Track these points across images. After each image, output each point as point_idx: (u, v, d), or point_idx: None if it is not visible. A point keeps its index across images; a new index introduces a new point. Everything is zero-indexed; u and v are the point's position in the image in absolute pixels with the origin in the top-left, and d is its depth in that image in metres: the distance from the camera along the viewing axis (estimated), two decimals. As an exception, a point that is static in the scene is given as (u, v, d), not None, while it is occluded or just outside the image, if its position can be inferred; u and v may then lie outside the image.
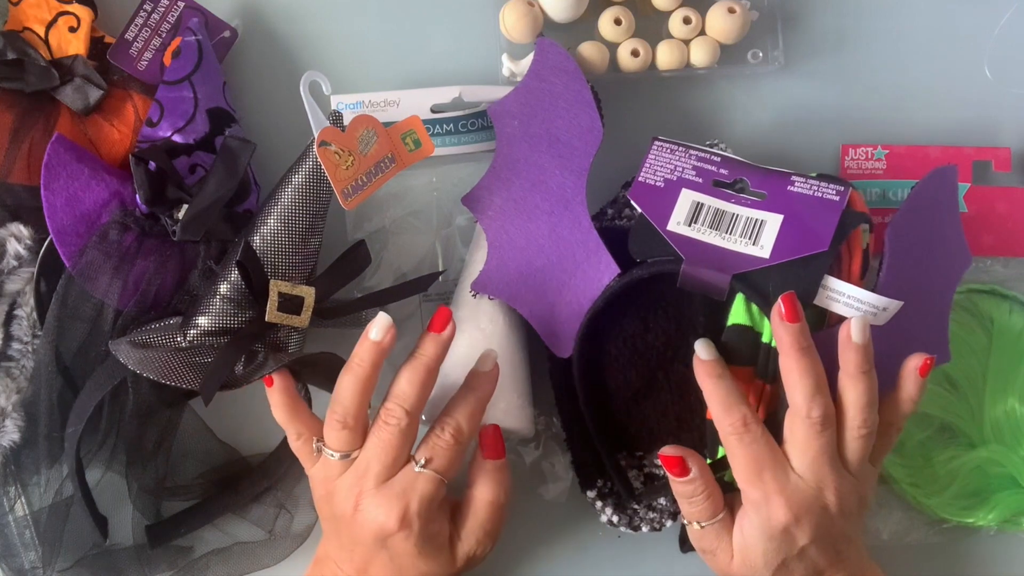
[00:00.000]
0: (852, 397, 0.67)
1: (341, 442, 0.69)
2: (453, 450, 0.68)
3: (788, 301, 0.67)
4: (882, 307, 0.70)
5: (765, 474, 0.66)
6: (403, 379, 0.68)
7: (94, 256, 0.73)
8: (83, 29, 0.78)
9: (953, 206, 0.75)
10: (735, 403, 0.67)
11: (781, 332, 0.67)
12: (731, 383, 0.68)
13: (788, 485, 0.66)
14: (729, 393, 0.68)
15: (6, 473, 0.75)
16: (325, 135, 0.71)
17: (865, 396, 0.67)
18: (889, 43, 0.84)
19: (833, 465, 0.67)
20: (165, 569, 0.77)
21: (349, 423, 0.68)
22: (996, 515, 0.78)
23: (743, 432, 0.66)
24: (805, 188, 0.73)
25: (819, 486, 0.66)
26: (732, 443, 0.67)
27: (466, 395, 0.70)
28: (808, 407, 0.66)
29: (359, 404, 0.68)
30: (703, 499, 0.68)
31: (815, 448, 0.66)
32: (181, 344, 0.72)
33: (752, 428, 0.66)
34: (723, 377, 0.68)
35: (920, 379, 0.69)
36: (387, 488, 0.68)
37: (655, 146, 0.75)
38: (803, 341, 0.66)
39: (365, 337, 0.69)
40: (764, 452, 0.66)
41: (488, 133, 0.81)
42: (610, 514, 0.75)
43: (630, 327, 0.77)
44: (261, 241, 0.72)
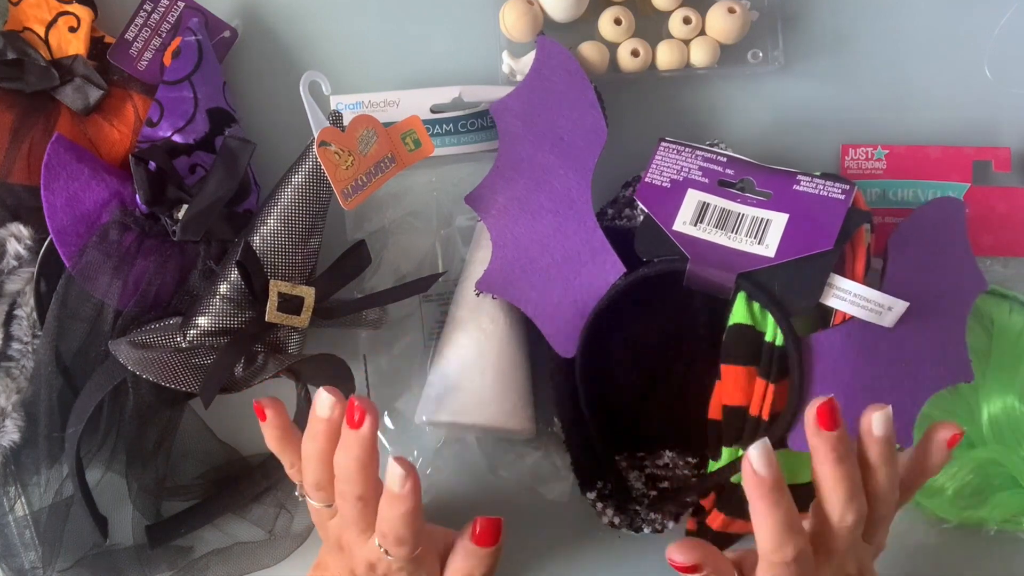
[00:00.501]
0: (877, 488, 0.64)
1: (320, 499, 0.69)
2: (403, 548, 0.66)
3: (826, 411, 0.62)
4: (887, 306, 0.70)
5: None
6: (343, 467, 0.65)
7: (94, 256, 0.73)
8: (83, 29, 0.78)
9: (962, 235, 0.74)
10: (792, 536, 0.61)
11: (818, 442, 0.62)
12: (790, 509, 0.61)
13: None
14: (788, 525, 0.61)
15: (6, 473, 0.75)
16: (325, 135, 0.71)
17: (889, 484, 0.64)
18: (889, 43, 0.84)
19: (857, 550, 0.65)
20: (165, 569, 0.77)
21: (323, 486, 0.68)
22: (996, 515, 0.78)
23: (794, 565, 0.62)
24: (811, 187, 0.73)
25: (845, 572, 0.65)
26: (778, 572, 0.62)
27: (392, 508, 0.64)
28: (843, 512, 0.62)
29: (326, 471, 0.67)
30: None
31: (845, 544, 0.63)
32: (181, 344, 0.72)
33: (802, 563, 0.62)
34: (780, 504, 0.61)
35: (947, 451, 0.65)
36: (370, 544, 0.68)
37: (662, 147, 0.76)
38: (841, 449, 0.62)
39: (314, 414, 0.66)
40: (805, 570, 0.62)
41: (488, 133, 0.81)
42: (611, 515, 0.75)
43: (632, 327, 0.77)
44: (261, 241, 0.72)
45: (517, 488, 0.79)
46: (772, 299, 0.70)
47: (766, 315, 0.71)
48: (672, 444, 0.77)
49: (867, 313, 0.70)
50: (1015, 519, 0.79)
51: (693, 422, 0.76)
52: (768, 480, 0.60)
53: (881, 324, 0.71)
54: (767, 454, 0.61)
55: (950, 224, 0.74)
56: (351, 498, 0.67)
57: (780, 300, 0.70)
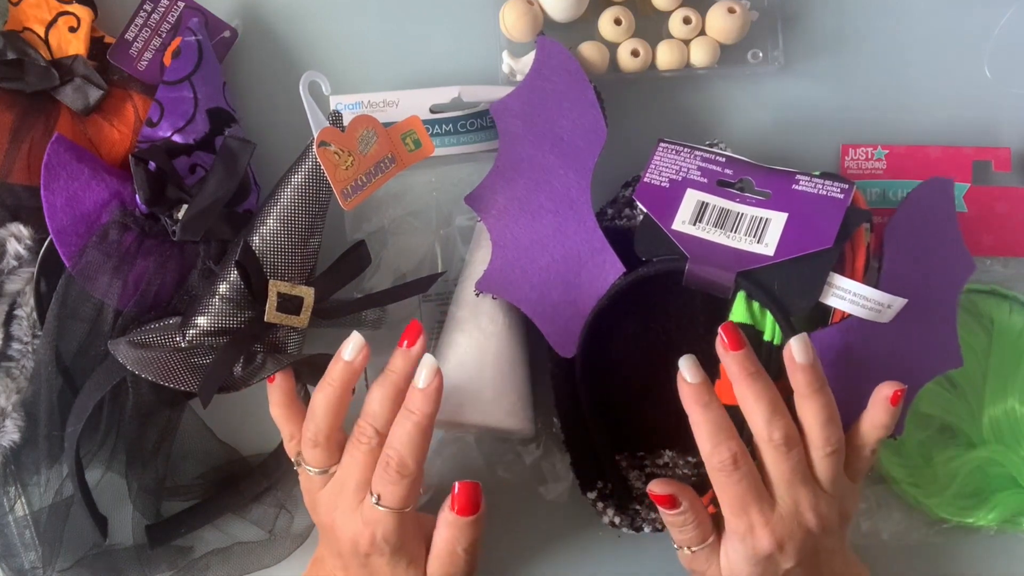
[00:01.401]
0: (809, 417, 0.66)
1: (316, 459, 0.69)
2: (401, 484, 0.67)
3: (728, 330, 0.67)
4: (887, 304, 0.70)
5: (751, 508, 0.66)
6: (374, 398, 0.68)
7: (94, 256, 0.73)
8: (83, 29, 0.78)
9: (951, 215, 0.74)
10: (725, 437, 0.66)
11: (728, 361, 0.67)
12: (720, 412, 0.66)
13: (772, 516, 0.66)
14: (719, 425, 0.66)
15: (6, 473, 0.75)
16: (325, 135, 0.71)
17: (823, 413, 0.66)
18: (889, 43, 0.84)
19: (807, 484, 0.66)
20: (165, 569, 0.77)
21: (320, 441, 0.68)
22: (996, 515, 0.78)
23: (732, 470, 0.66)
24: (809, 186, 0.73)
25: (797, 508, 0.66)
26: (720, 479, 0.66)
27: (404, 421, 0.67)
28: (768, 431, 0.66)
29: (331, 423, 0.68)
30: (693, 527, 0.68)
31: (786, 470, 0.66)
32: (180, 344, 0.72)
33: (740, 465, 0.66)
34: (710, 406, 0.66)
35: (890, 408, 0.68)
36: (357, 512, 0.68)
37: (660, 147, 0.76)
38: (750, 367, 0.66)
39: (338, 357, 0.69)
40: (750, 487, 0.66)
41: (487, 133, 0.81)
42: (612, 515, 0.75)
43: (631, 327, 0.77)
44: (260, 241, 0.72)
45: (516, 488, 0.79)
46: (772, 298, 0.70)
47: (765, 314, 0.71)
48: (672, 444, 0.77)
49: (867, 312, 0.70)
50: (1015, 519, 0.79)
51: (692, 422, 0.76)
52: (698, 386, 0.66)
53: (880, 322, 0.71)
54: (694, 364, 0.67)
55: (939, 204, 0.74)
56: (369, 432, 0.67)
57: (780, 299, 0.70)
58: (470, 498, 0.69)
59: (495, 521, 0.80)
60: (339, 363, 0.68)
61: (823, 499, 0.67)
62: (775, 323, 0.71)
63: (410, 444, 0.66)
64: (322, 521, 0.70)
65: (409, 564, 0.69)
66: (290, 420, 0.71)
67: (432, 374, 0.67)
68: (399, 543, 0.68)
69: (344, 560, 0.70)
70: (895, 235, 0.73)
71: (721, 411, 0.66)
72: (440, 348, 0.77)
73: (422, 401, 0.67)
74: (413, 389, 0.67)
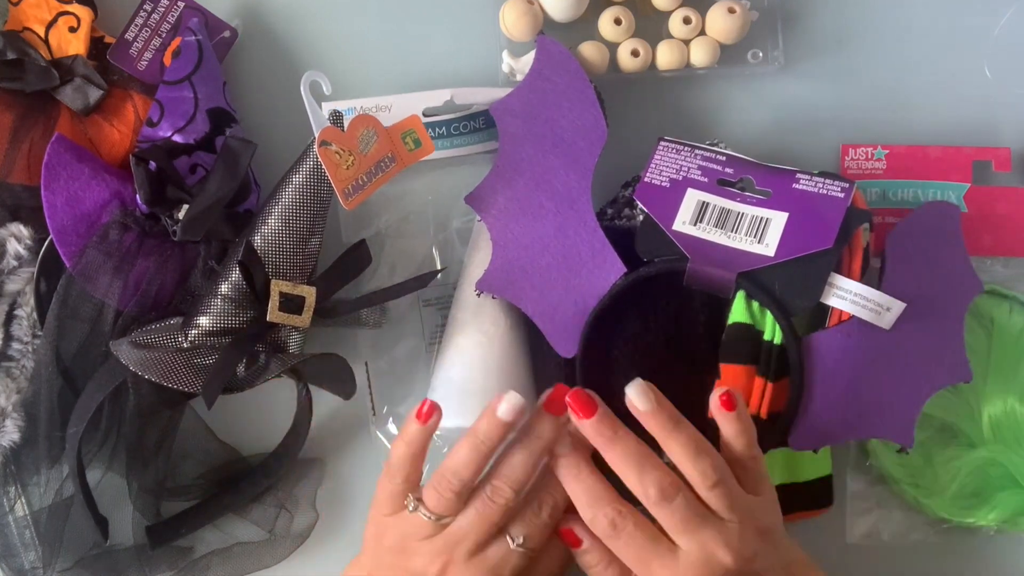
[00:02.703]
0: (678, 456, 0.65)
1: (445, 506, 0.66)
2: (548, 528, 0.67)
3: (577, 399, 0.65)
4: (886, 306, 0.70)
5: (653, 565, 0.64)
6: (516, 460, 0.66)
7: (94, 256, 0.73)
8: (83, 29, 0.78)
9: (957, 238, 0.74)
10: (601, 505, 0.65)
11: (585, 430, 0.65)
12: (594, 477, 0.65)
13: (676, 566, 0.64)
14: (592, 492, 0.65)
15: (6, 473, 0.75)
16: (326, 135, 0.71)
17: (688, 449, 0.64)
18: (889, 43, 0.84)
19: (707, 524, 0.64)
20: (165, 570, 0.77)
21: (462, 492, 0.66)
22: (996, 515, 0.78)
23: (615, 536, 0.64)
24: (810, 185, 0.73)
25: (705, 551, 0.64)
26: (612, 544, 0.65)
27: (567, 469, 0.66)
28: (643, 489, 0.64)
29: (474, 475, 0.66)
30: (603, 568, 0.67)
31: (677, 521, 0.64)
32: (182, 344, 0.72)
33: (621, 526, 0.64)
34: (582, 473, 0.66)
35: (727, 414, 0.66)
36: (480, 561, 0.66)
37: (661, 146, 0.76)
38: (606, 431, 0.65)
39: (492, 414, 0.66)
40: (644, 544, 0.64)
41: (482, 135, 0.81)
42: (611, 515, 0.75)
43: (631, 327, 0.77)
44: (262, 241, 0.72)
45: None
46: (772, 298, 0.70)
47: (765, 314, 0.71)
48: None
49: (867, 313, 0.70)
50: (1015, 519, 0.79)
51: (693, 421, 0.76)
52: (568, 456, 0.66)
53: (879, 324, 0.71)
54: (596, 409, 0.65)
55: (945, 228, 0.74)
56: (507, 493, 0.66)
57: (780, 299, 0.70)
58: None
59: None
60: (493, 421, 0.66)
61: (730, 531, 0.64)
62: (775, 323, 0.71)
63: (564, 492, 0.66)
64: (421, 570, 0.67)
65: None
66: (416, 462, 0.68)
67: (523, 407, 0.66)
68: None
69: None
70: (897, 247, 0.73)
71: (596, 476, 0.65)
72: (443, 352, 0.77)
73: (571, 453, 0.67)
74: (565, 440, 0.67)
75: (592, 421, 0.65)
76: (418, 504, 0.67)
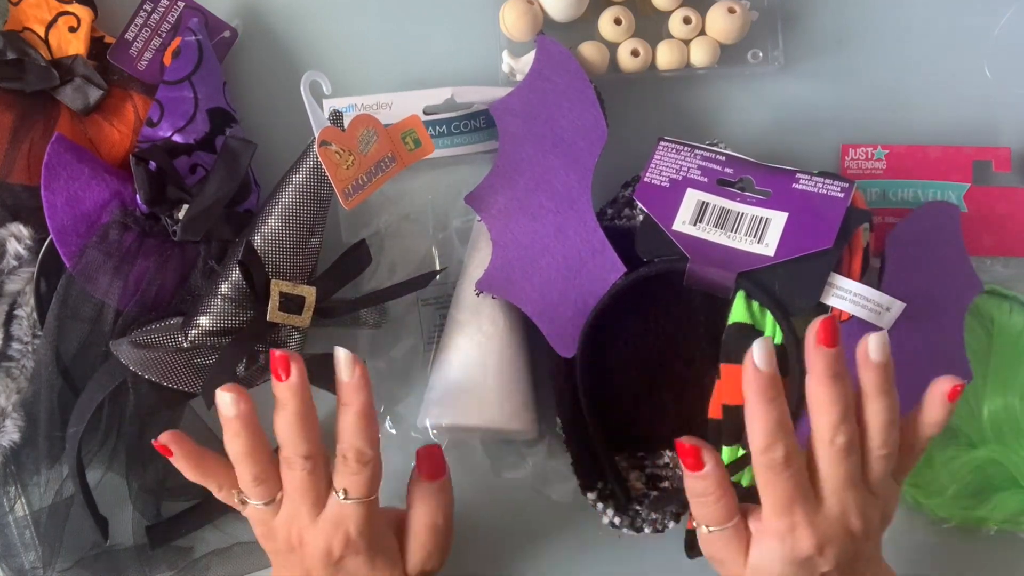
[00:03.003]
0: (874, 418, 0.64)
1: (263, 494, 0.68)
2: (363, 473, 0.67)
3: (827, 326, 0.63)
4: (886, 306, 0.70)
5: (795, 507, 0.64)
6: (281, 429, 0.67)
7: (94, 256, 0.73)
8: (83, 29, 0.78)
9: (957, 238, 0.75)
10: (782, 436, 0.63)
11: (815, 357, 0.63)
12: (782, 408, 0.63)
13: (816, 517, 0.64)
14: (779, 422, 0.63)
15: (6, 473, 0.75)
16: (326, 135, 0.71)
17: (886, 415, 0.64)
18: (889, 43, 0.84)
19: (857, 489, 0.64)
20: (165, 569, 0.77)
21: (263, 478, 0.68)
22: (996, 515, 0.78)
23: (783, 468, 0.63)
24: (810, 185, 0.73)
25: (844, 512, 0.64)
26: (768, 476, 0.64)
27: (346, 415, 0.67)
28: (833, 435, 0.63)
29: (259, 463, 0.68)
30: (714, 501, 0.65)
31: (840, 475, 0.64)
32: (182, 344, 0.72)
33: (793, 464, 0.63)
34: (775, 401, 0.63)
35: (948, 404, 0.66)
36: (322, 521, 0.68)
37: (660, 146, 0.76)
38: (837, 367, 0.63)
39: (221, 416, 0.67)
40: (798, 486, 0.64)
41: (482, 134, 0.81)
42: (612, 516, 0.75)
43: (631, 327, 0.77)
44: (262, 240, 0.72)
45: (521, 489, 0.79)
46: (772, 299, 0.70)
47: (765, 313, 0.71)
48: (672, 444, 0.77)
49: (867, 313, 0.70)
50: (1015, 519, 0.79)
51: (693, 422, 0.76)
52: (766, 376, 0.62)
53: (879, 324, 0.71)
54: (769, 351, 0.63)
55: (945, 228, 0.75)
56: (298, 461, 0.67)
57: (780, 299, 0.70)
58: (435, 461, 0.69)
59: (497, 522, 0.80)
60: (228, 422, 0.67)
61: (870, 503, 0.65)
62: (775, 323, 0.71)
63: (359, 432, 0.66)
64: (285, 544, 0.69)
65: (386, 558, 0.69)
66: (210, 474, 0.69)
67: (351, 365, 0.67)
68: (372, 536, 0.68)
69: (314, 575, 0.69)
70: (897, 247, 0.73)
71: (784, 408, 0.63)
72: (441, 351, 0.77)
73: (353, 392, 0.67)
74: (342, 384, 0.67)
75: (831, 352, 0.63)
76: (243, 497, 0.69)
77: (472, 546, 0.80)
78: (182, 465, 0.69)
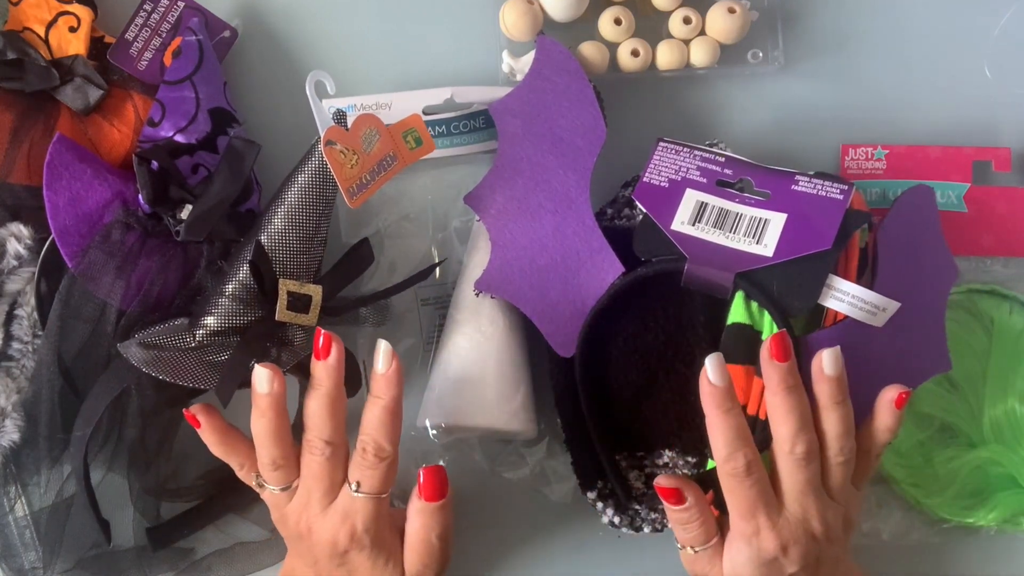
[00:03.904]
0: (830, 428, 0.68)
1: (279, 479, 0.70)
2: (379, 468, 0.68)
3: (778, 341, 0.67)
4: (882, 307, 0.70)
5: (759, 512, 0.67)
6: (312, 413, 0.69)
7: (97, 256, 0.73)
8: (83, 29, 0.78)
9: (935, 221, 0.75)
10: (740, 445, 0.67)
11: (770, 371, 0.67)
12: (739, 419, 0.67)
13: (779, 520, 0.67)
14: (736, 432, 0.67)
15: (6, 473, 0.75)
16: (331, 134, 0.71)
17: (841, 425, 0.68)
18: (889, 43, 0.84)
19: (818, 495, 0.68)
20: (167, 570, 0.77)
21: (281, 463, 0.69)
22: (996, 515, 0.78)
23: (744, 476, 0.67)
24: (809, 187, 0.73)
25: (805, 516, 0.67)
26: (732, 484, 0.67)
27: (373, 407, 0.69)
28: (792, 444, 0.67)
29: (279, 446, 0.69)
30: (697, 526, 0.69)
31: (800, 481, 0.67)
32: (191, 344, 0.72)
33: (753, 471, 0.67)
34: (731, 412, 0.67)
35: (896, 411, 0.69)
36: (331, 511, 0.69)
37: (660, 147, 0.76)
38: (790, 380, 0.67)
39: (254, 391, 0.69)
40: (760, 493, 0.67)
41: (481, 134, 0.81)
42: (611, 515, 0.75)
43: (630, 327, 0.77)
44: (268, 240, 0.72)
45: (520, 489, 0.79)
46: (771, 299, 0.70)
47: (763, 314, 0.71)
48: (672, 444, 0.77)
49: (864, 314, 0.70)
50: (1015, 519, 0.79)
51: (693, 421, 0.76)
52: (721, 389, 0.66)
53: (875, 325, 0.71)
54: (721, 366, 0.67)
55: (923, 213, 0.75)
56: (319, 445, 0.68)
57: (779, 300, 0.70)
58: (436, 483, 0.70)
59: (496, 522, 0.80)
60: (259, 398, 0.69)
61: (830, 508, 0.68)
62: (773, 323, 0.71)
63: (383, 428, 0.68)
64: (295, 531, 0.71)
65: (388, 558, 0.70)
66: (233, 452, 0.71)
67: (389, 357, 0.69)
68: (377, 534, 0.69)
69: (320, 565, 0.70)
70: (885, 240, 0.73)
71: (740, 418, 0.67)
72: (440, 351, 0.77)
73: (386, 385, 0.68)
74: (376, 376, 0.68)
75: (784, 365, 0.67)
76: (261, 480, 0.71)
77: (472, 546, 0.80)
78: (208, 438, 0.71)
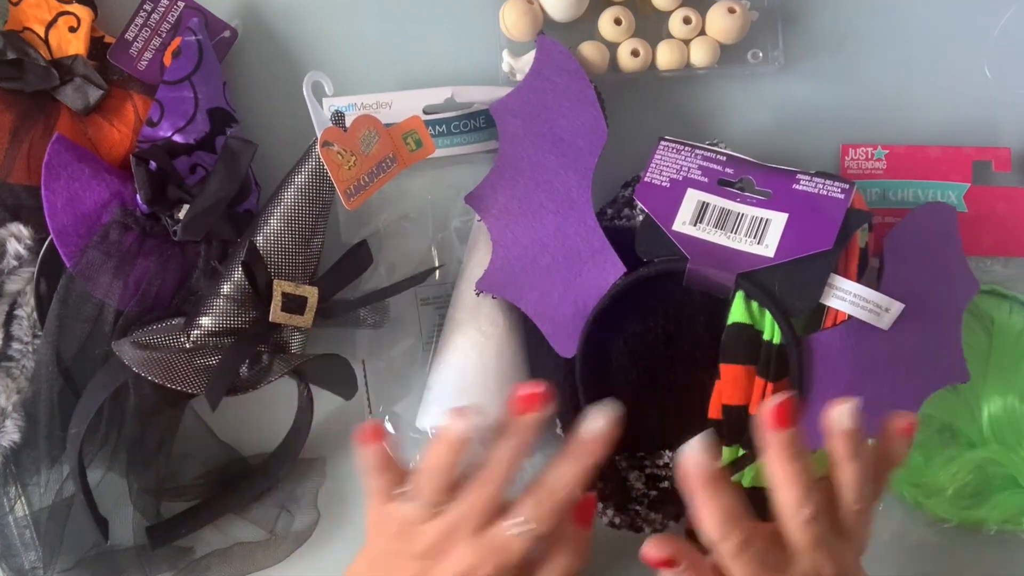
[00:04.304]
0: (847, 480, 0.65)
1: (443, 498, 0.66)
2: (555, 516, 0.66)
3: (781, 412, 0.64)
4: (885, 307, 0.70)
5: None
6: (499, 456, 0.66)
7: (95, 256, 0.73)
8: (83, 29, 0.78)
9: (954, 238, 0.75)
10: (731, 527, 0.63)
11: (771, 440, 0.64)
12: (726, 499, 0.64)
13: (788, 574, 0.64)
14: (727, 513, 0.64)
15: (6, 473, 0.75)
16: (328, 135, 0.71)
17: (859, 476, 0.65)
18: (889, 43, 0.84)
19: (828, 544, 0.65)
20: (166, 570, 0.77)
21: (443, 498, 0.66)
22: (996, 515, 0.78)
23: (741, 553, 0.63)
24: (810, 186, 0.73)
25: (816, 566, 0.64)
26: (732, 562, 0.64)
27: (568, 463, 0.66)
28: (796, 510, 0.64)
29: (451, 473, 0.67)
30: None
31: (809, 539, 0.64)
32: (185, 345, 0.72)
33: (750, 546, 0.64)
34: (719, 492, 0.64)
35: (904, 440, 0.67)
36: (485, 539, 0.66)
37: (661, 146, 0.76)
38: (792, 449, 0.64)
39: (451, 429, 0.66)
40: (763, 563, 0.64)
41: (482, 134, 0.81)
42: (611, 515, 0.75)
43: (631, 327, 0.77)
44: (264, 241, 0.72)
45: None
46: (772, 299, 0.70)
47: (764, 314, 0.71)
48: (672, 444, 0.77)
49: (866, 314, 0.70)
50: (1015, 519, 0.79)
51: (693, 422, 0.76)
52: (705, 472, 0.63)
53: (878, 325, 0.71)
54: (704, 448, 0.64)
55: (942, 229, 0.75)
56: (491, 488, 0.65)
57: (780, 300, 0.70)
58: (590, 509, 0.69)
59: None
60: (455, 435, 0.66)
61: (841, 548, 0.65)
62: (775, 323, 0.71)
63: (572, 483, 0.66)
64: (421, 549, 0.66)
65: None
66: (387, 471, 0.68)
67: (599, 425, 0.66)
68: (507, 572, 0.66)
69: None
70: (895, 248, 0.73)
71: (728, 497, 0.64)
72: (440, 352, 0.77)
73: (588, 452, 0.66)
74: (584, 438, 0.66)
75: (786, 434, 0.64)
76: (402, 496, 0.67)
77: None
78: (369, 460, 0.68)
